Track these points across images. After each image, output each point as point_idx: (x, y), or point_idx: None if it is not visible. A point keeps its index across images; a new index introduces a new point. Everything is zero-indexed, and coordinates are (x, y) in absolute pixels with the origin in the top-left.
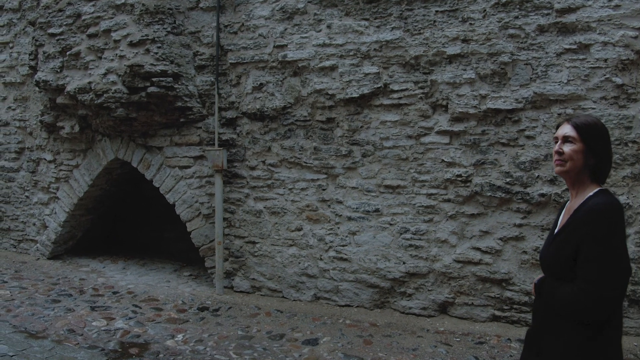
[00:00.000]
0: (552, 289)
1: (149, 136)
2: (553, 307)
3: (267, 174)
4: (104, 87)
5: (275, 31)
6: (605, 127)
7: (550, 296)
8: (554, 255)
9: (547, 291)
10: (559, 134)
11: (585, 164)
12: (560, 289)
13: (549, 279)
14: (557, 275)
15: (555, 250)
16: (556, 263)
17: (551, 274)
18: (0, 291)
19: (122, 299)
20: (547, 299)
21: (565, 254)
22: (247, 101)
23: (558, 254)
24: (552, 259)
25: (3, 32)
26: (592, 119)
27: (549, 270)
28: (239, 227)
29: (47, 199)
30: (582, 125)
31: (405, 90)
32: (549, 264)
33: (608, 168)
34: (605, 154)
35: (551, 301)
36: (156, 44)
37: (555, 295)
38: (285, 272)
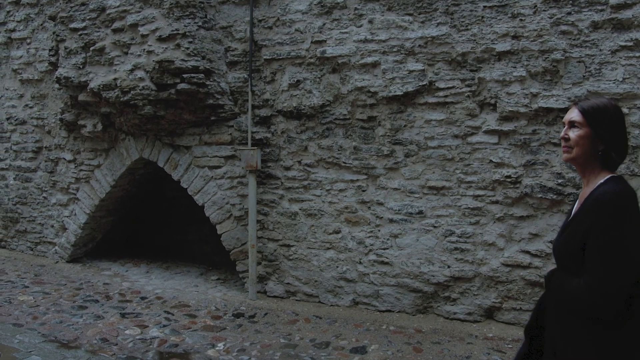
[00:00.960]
0: (561, 283)
1: (177, 135)
2: (562, 303)
3: (303, 175)
4: (131, 83)
5: (313, 26)
6: (619, 111)
7: (559, 291)
8: (563, 247)
9: (556, 285)
10: (565, 119)
11: (593, 150)
12: (567, 283)
13: (559, 271)
14: (566, 268)
15: (564, 241)
16: (565, 255)
17: (562, 266)
18: (23, 297)
19: (151, 304)
20: (556, 294)
21: (573, 246)
22: (282, 99)
23: (567, 246)
24: (561, 250)
25: (20, 28)
26: (601, 102)
27: (559, 262)
28: (272, 230)
29: (66, 200)
30: (588, 109)
31: (451, 88)
32: (558, 254)
33: (620, 154)
34: (616, 139)
35: (560, 296)
36: (187, 38)
37: (563, 290)
38: (322, 277)
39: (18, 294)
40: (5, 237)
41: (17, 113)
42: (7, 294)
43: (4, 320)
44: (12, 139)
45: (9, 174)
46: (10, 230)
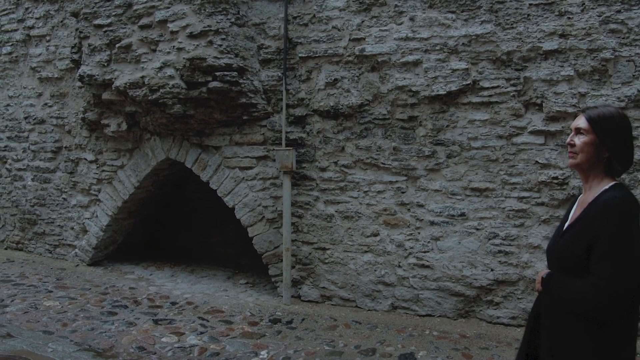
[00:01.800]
0: (563, 285)
1: (206, 135)
2: (564, 304)
3: (339, 176)
4: (160, 81)
5: (351, 23)
6: (625, 119)
7: (560, 292)
8: (564, 250)
9: (557, 287)
10: (572, 126)
11: (597, 157)
12: (571, 284)
13: (558, 274)
14: (567, 270)
15: (566, 244)
16: (567, 258)
17: (560, 268)
18: (49, 302)
19: (183, 310)
20: (557, 295)
21: (576, 249)
22: (318, 98)
23: (569, 249)
24: (562, 253)
25: (39, 25)
26: (608, 111)
27: (558, 265)
28: (307, 233)
29: (87, 201)
30: (595, 117)
31: (496, 87)
32: (557, 257)
33: (625, 162)
34: (621, 147)
35: (562, 297)
36: (220, 35)
37: (566, 291)
38: (360, 280)
39: (43, 299)
40: (23, 239)
41: (35, 112)
42: (32, 299)
43: (33, 328)
44: (30, 138)
45: (26, 175)
46: (27, 233)
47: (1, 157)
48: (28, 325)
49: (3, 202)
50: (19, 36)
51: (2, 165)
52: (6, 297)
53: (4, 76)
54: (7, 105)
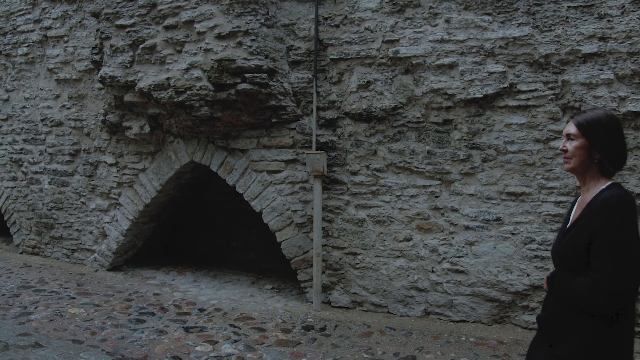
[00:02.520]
0: (564, 282)
1: (232, 138)
2: (565, 300)
3: (371, 180)
4: (186, 83)
5: (384, 25)
6: (613, 120)
7: (562, 289)
8: (566, 249)
9: (559, 284)
10: (564, 132)
11: (589, 160)
12: (572, 281)
13: (561, 272)
14: (569, 268)
15: (567, 243)
16: (569, 256)
17: (563, 267)
18: (73, 309)
19: (212, 317)
20: (559, 292)
21: (577, 247)
22: (350, 100)
23: (570, 247)
24: (564, 252)
25: (57, 25)
26: (596, 114)
27: (561, 264)
28: (337, 237)
29: (107, 205)
30: (582, 121)
31: (533, 91)
32: (561, 257)
33: (617, 162)
34: (611, 148)
35: (564, 294)
36: (250, 36)
37: (568, 287)
38: (392, 286)
39: (67, 306)
40: (39, 243)
41: (52, 114)
42: (56, 305)
43: (61, 337)
44: (47, 141)
45: (43, 178)
46: (44, 237)
47: (17, 159)
48: (56, 334)
49: (18, 206)
50: (35, 37)
51: (18, 169)
52: (29, 304)
53: (20, 77)
54: (23, 107)
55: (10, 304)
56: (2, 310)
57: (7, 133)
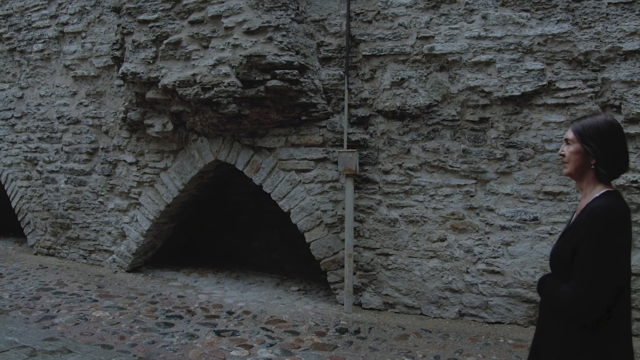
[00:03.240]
0: (550, 288)
1: (259, 136)
2: (550, 306)
3: (404, 179)
4: (214, 79)
5: (418, 21)
6: (611, 126)
7: (548, 295)
8: (557, 255)
9: (546, 290)
10: (564, 137)
11: (585, 165)
12: (557, 288)
13: (550, 277)
14: (559, 275)
15: (558, 249)
16: (558, 262)
17: (556, 272)
18: (98, 312)
19: (243, 320)
20: (545, 298)
21: (564, 254)
22: (383, 98)
23: (559, 254)
24: (555, 258)
25: (74, 21)
26: (594, 120)
27: (553, 270)
28: (368, 238)
29: (126, 205)
30: (579, 127)
31: (573, 88)
32: (553, 262)
33: (612, 168)
34: (607, 154)
35: (548, 300)
36: (280, 31)
37: (552, 294)
38: (425, 287)
39: (91, 309)
40: (55, 244)
41: (69, 112)
42: (79, 309)
43: (89, 341)
44: (64, 139)
45: (59, 177)
46: (60, 237)
47: (31, 158)
48: (83, 338)
49: (33, 206)
50: (51, 33)
51: (33, 168)
52: (50, 307)
53: (35, 74)
54: (39, 104)
55: (31, 307)
56: (24, 314)
57: (22, 131)
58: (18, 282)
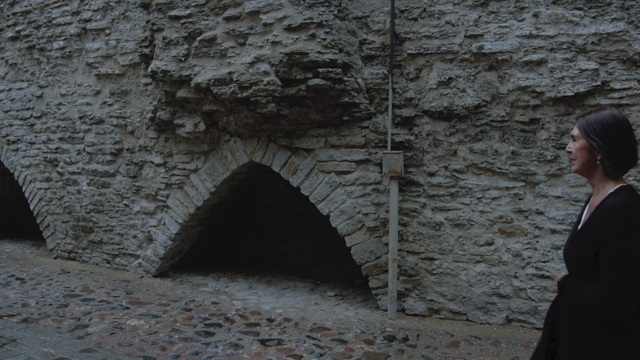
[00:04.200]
0: (574, 289)
1: (296, 136)
2: (575, 307)
3: (450, 181)
4: (252, 78)
5: (466, 19)
6: (617, 120)
7: (572, 296)
8: (574, 255)
9: (569, 291)
10: (570, 133)
11: (592, 161)
12: (581, 289)
13: (571, 278)
14: (579, 275)
15: (575, 249)
16: (577, 262)
17: (574, 272)
18: (132, 321)
19: (285, 328)
20: (569, 299)
21: (585, 254)
22: (430, 98)
23: (579, 254)
24: (573, 257)
25: (97, 17)
26: (598, 115)
27: (571, 269)
28: (412, 242)
29: (153, 208)
30: (584, 122)
31: (627, 89)
32: (570, 262)
33: (619, 162)
34: (613, 148)
35: (573, 301)
36: (323, 28)
37: (577, 295)
38: (472, 292)
39: (124, 317)
40: (76, 248)
41: (92, 111)
42: (111, 317)
43: (129, 353)
44: (86, 139)
45: (81, 179)
46: (81, 241)
47: (52, 159)
48: (122, 349)
49: (53, 209)
50: (73, 30)
51: (53, 169)
52: (81, 315)
53: (55, 73)
54: (59, 104)
55: (61, 315)
56: (54, 323)
57: (41, 131)
58: (42, 287)
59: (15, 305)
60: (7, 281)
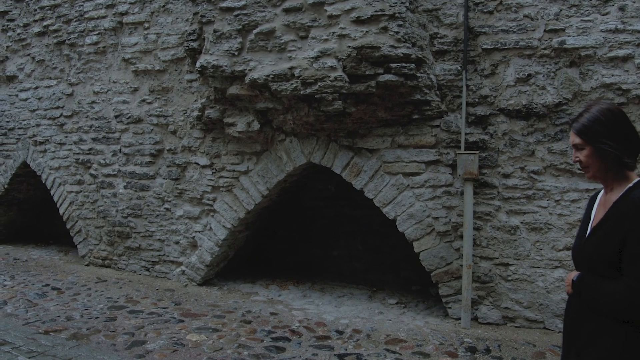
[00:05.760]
0: (594, 287)
1: (359, 136)
2: (596, 306)
3: (526, 183)
4: (317, 73)
5: (546, 12)
6: (612, 113)
7: (593, 295)
8: (593, 251)
9: (588, 289)
10: (570, 142)
11: (605, 162)
12: (604, 287)
13: (589, 276)
14: (597, 272)
15: (595, 246)
16: (597, 259)
17: (590, 270)
18: (192, 336)
19: (358, 341)
20: (588, 298)
21: (607, 251)
22: (506, 95)
23: (599, 250)
24: (591, 255)
25: (135, 11)
26: (592, 115)
27: (587, 267)
28: (486, 247)
29: (198, 212)
30: (581, 127)
31: None
32: (587, 260)
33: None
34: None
35: (593, 300)
36: (396, 21)
37: (598, 293)
38: (550, 299)
39: (181, 332)
40: (111, 254)
41: (129, 110)
42: (167, 331)
43: None
44: (123, 140)
45: (117, 182)
46: (117, 247)
47: (84, 161)
48: None
49: (85, 213)
50: (107, 24)
51: (85, 171)
52: (133, 329)
53: (87, 69)
54: (92, 102)
55: (112, 330)
56: (107, 339)
57: (72, 131)
58: (82, 298)
59: (59, 318)
60: (43, 291)
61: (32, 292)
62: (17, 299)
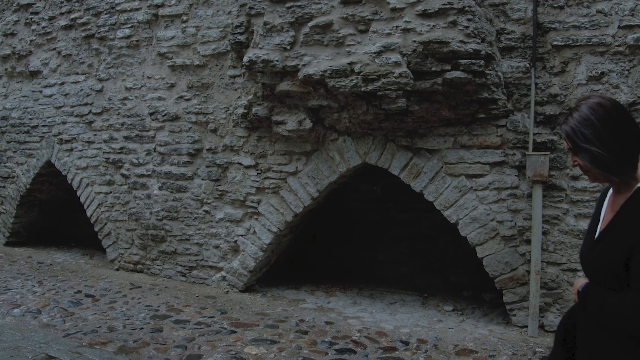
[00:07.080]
0: (599, 300)
1: (419, 136)
2: (601, 320)
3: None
4: (380, 69)
5: (621, 7)
6: (607, 109)
7: (597, 308)
8: (598, 260)
9: (593, 302)
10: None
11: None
12: (608, 300)
13: (595, 287)
14: (603, 283)
15: (600, 254)
16: (602, 269)
17: (596, 280)
18: (250, 349)
19: (427, 352)
20: (592, 310)
21: (613, 260)
22: (577, 94)
23: (604, 259)
24: (597, 263)
25: (171, 3)
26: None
27: (593, 276)
28: (553, 252)
29: (240, 215)
30: (570, 130)
31: None
32: (592, 268)
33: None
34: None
35: (597, 313)
36: (465, 15)
37: (603, 307)
38: None
39: (237, 344)
40: (144, 259)
41: (166, 107)
42: (221, 343)
43: None
44: (158, 138)
45: (151, 182)
46: (150, 251)
47: (115, 160)
48: None
49: (115, 215)
50: (141, 17)
51: (116, 171)
52: (184, 341)
53: (119, 64)
54: (124, 98)
55: (161, 342)
56: (159, 353)
57: (102, 129)
58: (120, 307)
59: (100, 329)
60: (77, 299)
61: (66, 300)
62: (51, 307)
